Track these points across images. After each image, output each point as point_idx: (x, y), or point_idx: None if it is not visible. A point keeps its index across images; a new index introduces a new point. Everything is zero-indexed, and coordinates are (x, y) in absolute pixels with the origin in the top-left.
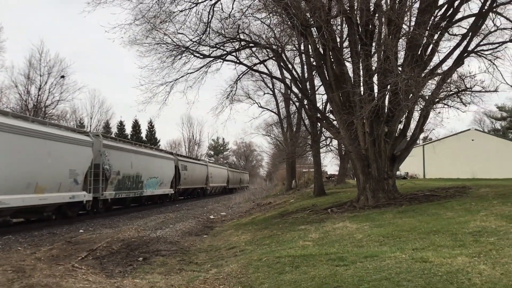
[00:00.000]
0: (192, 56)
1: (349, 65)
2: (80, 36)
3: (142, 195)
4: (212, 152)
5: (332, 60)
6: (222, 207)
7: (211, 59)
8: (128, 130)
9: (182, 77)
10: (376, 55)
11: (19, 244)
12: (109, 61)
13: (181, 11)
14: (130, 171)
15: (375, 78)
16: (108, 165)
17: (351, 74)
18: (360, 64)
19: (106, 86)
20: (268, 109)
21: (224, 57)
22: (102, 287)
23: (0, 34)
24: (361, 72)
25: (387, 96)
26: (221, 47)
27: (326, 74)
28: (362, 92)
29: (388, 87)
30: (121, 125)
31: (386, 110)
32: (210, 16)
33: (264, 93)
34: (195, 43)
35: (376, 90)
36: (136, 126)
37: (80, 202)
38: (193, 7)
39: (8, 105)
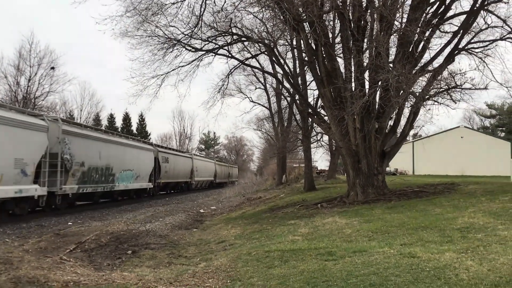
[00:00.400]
0: (184, 49)
1: (340, 61)
2: (70, 28)
3: (113, 189)
4: (203, 146)
5: (324, 55)
6: (212, 201)
7: (203, 52)
8: (119, 123)
9: (173, 70)
10: (367, 51)
11: (6, 236)
12: (100, 53)
13: (173, 3)
14: (98, 162)
15: (366, 74)
16: (68, 155)
17: (342, 70)
18: (352, 60)
19: (96, 79)
20: (259, 104)
21: (216, 50)
22: (90, 280)
23: None
24: (353, 68)
25: (378, 92)
26: (213, 41)
27: (317, 70)
28: (353, 88)
29: (379, 83)
30: (111, 118)
31: (377, 106)
32: (202, 9)
33: (256, 88)
34: (187, 36)
35: (367, 86)
36: (126, 119)
37: (31, 197)
38: (185, 0)
39: None
